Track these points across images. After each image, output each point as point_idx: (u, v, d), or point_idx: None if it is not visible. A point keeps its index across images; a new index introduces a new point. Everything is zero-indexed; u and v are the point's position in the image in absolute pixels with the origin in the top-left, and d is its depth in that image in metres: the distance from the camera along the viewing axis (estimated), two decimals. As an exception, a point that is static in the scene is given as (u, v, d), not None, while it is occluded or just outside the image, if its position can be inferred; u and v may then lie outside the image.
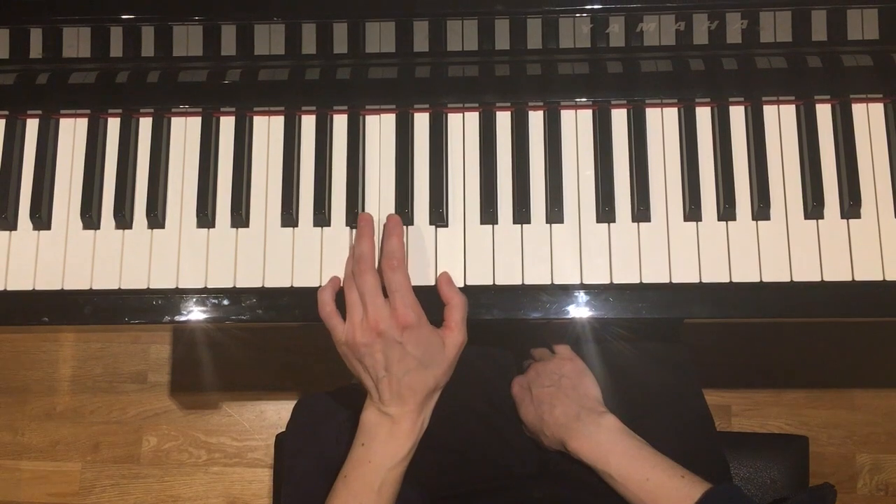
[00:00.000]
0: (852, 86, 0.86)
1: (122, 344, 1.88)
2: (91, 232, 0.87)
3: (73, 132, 0.89)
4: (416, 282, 0.84)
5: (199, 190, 0.87)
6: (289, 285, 0.85)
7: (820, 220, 0.84)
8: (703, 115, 0.87)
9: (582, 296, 0.84)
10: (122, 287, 0.85)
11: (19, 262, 0.86)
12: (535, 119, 0.87)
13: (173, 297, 0.85)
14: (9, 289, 0.86)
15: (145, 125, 0.89)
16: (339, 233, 0.86)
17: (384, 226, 0.83)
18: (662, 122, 0.87)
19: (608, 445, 0.89)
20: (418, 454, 0.98)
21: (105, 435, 1.85)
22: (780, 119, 0.86)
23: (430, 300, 0.83)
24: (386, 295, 0.80)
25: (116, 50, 0.87)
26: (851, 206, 0.83)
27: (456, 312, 0.82)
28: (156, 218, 0.86)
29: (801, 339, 1.79)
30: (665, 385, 1.00)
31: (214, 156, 0.88)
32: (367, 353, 0.80)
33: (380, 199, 0.86)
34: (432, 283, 0.84)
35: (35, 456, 1.85)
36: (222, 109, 0.89)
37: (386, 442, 0.81)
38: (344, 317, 0.82)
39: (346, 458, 0.83)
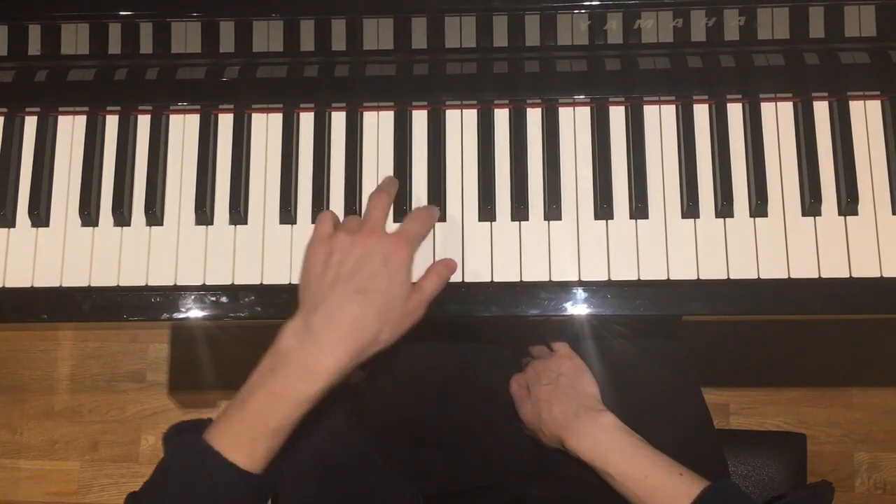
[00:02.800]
0: (850, 83, 0.86)
1: (121, 343, 1.88)
2: (89, 229, 0.87)
3: (71, 129, 0.89)
4: (414, 279, 0.84)
5: (198, 187, 0.87)
6: (287, 282, 0.85)
7: (817, 217, 0.84)
8: (701, 112, 0.87)
9: (580, 293, 0.84)
10: (121, 284, 0.85)
11: (18, 258, 0.86)
12: (534, 116, 0.87)
13: (172, 295, 0.85)
14: (7, 286, 0.86)
15: (144, 122, 0.89)
16: (337, 230, 0.86)
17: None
18: (660, 119, 0.87)
19: (607, 443, 0.89)
20: (415, 452, 0.99)
21: (103, 434, 1.85)
22: (778, 116, 0.86)
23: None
24: None
25: (115, 47, 0.87)
26: (849, 203, 0.83)
27: (431, 280, 0.79)
28: (154, 215, 0.86)
29: (799, 338, 1.80)
30: (663, 383, 1.00)
31: (213, 153, 0.88)
32: (341, 249, 0.74)
33: (378, 196, 0.86)
34: (430, 280, 0.84)
35: (33, 455, 1.85)
36: (221, 107, 0.89)
37: (296, 375, 0.71)
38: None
39: (247, 382, 0.73)
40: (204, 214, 0.86)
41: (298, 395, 0.71)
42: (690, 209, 0.84)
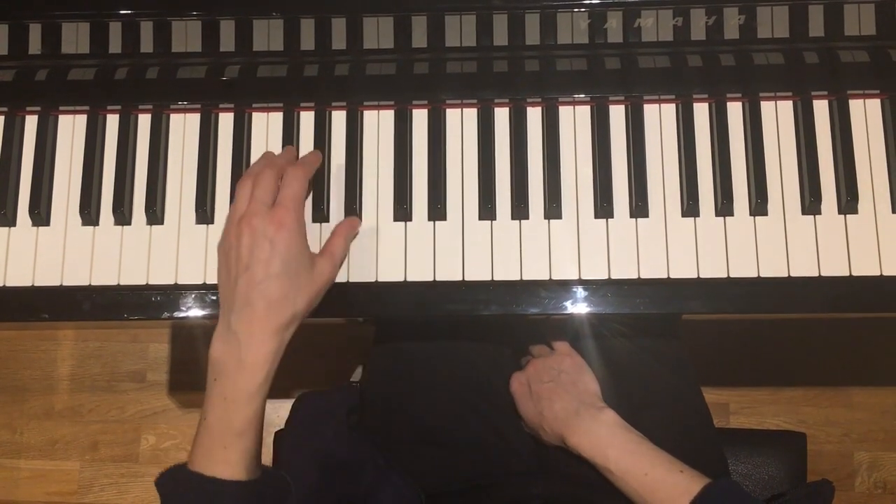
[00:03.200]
0: (849, 81, 0.86)
1: (121, 343, 1.88)
2: (90, 228, 0.87)
3: (72, 128, 0.89)
4: (412, 277, 0.84)
5: (198, 186, 0.87)
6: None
7: (817, 216, 0.84)
8: (701, 111, 0.87)
9: (580, 291, 0.84)
10: (122, 283, 0.85)
11: (18, 258, 0.86)
12: (534, 115, 0.87)
13: (172, 294, 0.85)
14: (8, 285, 0.86)
15: (144, 121, 0.89)
16: (337, 228, 0.86)
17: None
18: (660, 118, 0.87)
19: (607, 440, 0.89)
20: (416, 451, 0.99)
21: (103, 434, 1.85)
22: (778, 115, 0.87)
23: (429, 296, 0.83)
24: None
25: (115, 46, 0.87)
26: (849, 201, 0.83)
27: (337, 242, 0.80)
28: (155, 214, 0.86)
29: (799, 337, 1.80)
30: (663, 381, 1.00)
31: (213, 152, 0.88)
32: (235, 245, 0.75)
33: (378, 195, 0.86)
34: (430, 278, 0.84)
35: (33, 455, 1.85)
36: (221, 106, 0.89)
37: (235, 374, 0.73)
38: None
39: (204, 400, 0.76)
40: (204, 213, 0.86)
41: (247, 390, 0.73)
42: (690, 208, 0.84)
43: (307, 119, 0.88)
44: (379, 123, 0.88)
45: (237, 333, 0.73)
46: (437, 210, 0.85)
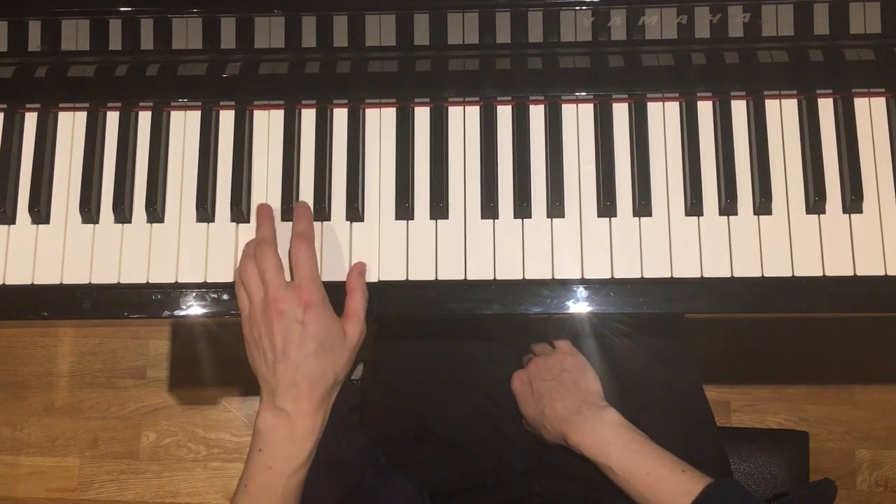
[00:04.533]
0: (854, 80, 0.85)
1: (121, 339, 1.88)
2: (90, 226, 0.87)
3: (71, 126, 0.89)
4: (414, 276, 0.84)
5: (199, 184, 0.86)
6: (289, 280, 0.84)
7: (822, 215, 0.84)
8: (705, 109, 0.86)
9: (583, 290, 0.83)
10: (122, 281, 0.85)
11: (18, 256, 0.86)
12: (536, 113, 0.87)
13: (173, 292, 0.85)
14: (7, 283, 0.85)
15: (144, 119, 0.89)
16: (338, 227, 0.85)
17: (295, 209, 0.83)
18: (664, 116, 0.87)
19: (609, 439, 0.89)
20: (417, 450, 0.98)
21: (104, 430, 1.85)
22: (782, 113, 0.86)
23: (431, 295, 0.83)
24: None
25: (115, 43, 0.86)
26: (853, 200, 0.83)
27: (356, 300, 0.81)
28: (155, 212, 0.86)
29: (801, 335, 1.80)
30: (665, 380, 1.00)
31: (214, 150, 0.88)
32: (266, 333, 0.77)
33: (380, 193, 0.86)
34: (432, 277, 0.84)
35: (33, 451, 1.85)
36: (222, 103, 0.88)
37: (284, 446, 0.77)
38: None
39: (245, 466, 0.79)
40: (205, 212, 0.86)
41: (297, 461, 0.77)
42: (694, 207, 0.83)
43: (308, 117, 0.88)
44: (381, 121, 0.88)
45: (285, 411, 0.77)
46: (440, 209, 0.85)
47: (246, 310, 0.80)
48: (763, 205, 0.83)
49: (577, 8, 0.84)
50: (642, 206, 0.84)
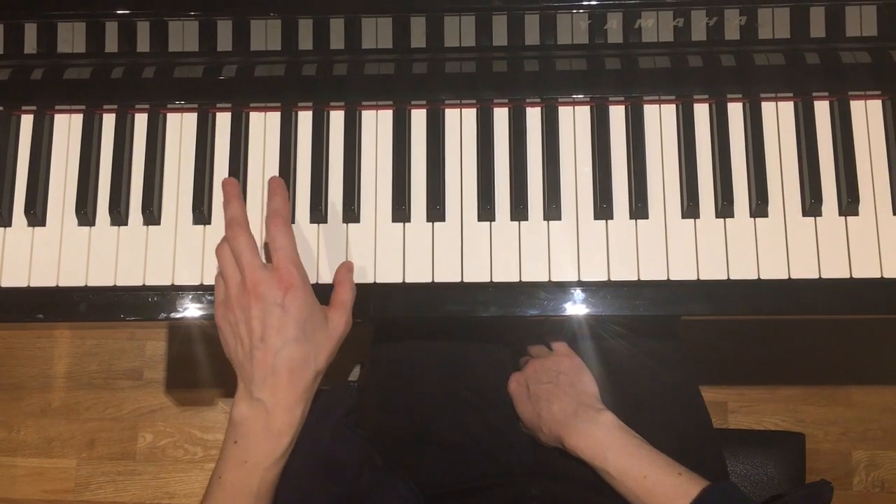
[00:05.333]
0: (850, 83, 0.86)
1: (118, 340, 1.88)
2: (86, 228, 0.86)
3: (67, 128, 0.89)
4: (411, 278, 0.84)
5: (195, 187, 0.86)
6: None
7: (818, 218, 0.84)
8: (702, 111, 0.86)
9: (579, 293, 0.83)
10: (118, 284, 0.85)
11: (14, 258, 0.86)
12: (533, 116, 0.87)
13: (169, 294, 0.85)
14: (3, 285, 0.85)
15: (141, 121, 0.88)
16: (334, 228, 0.85)
17: (268, 186, 0.80)
18: (660, 118, 0.87)
19: (606, 442, 0.89)
20: (414, 452, 0.98)
21: (100, 432, 1.84)
22: (779, 116, 0.86)
23: (428, 297, 0.83)
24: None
25: (112, 45, 0.86)
26: (849, 203, 0.83)
27: (344, 291, 0.79)
28: (151, 215, 0.86)
29: (797, 336, 1.80)
30: (662, 382, 1.00)
31: (210, 152, 0.88)
32: (243, 318, 0.73)
33: (376, 195, 0.86)
34: (429, 279, 0.84)
35: (30, 453, 1.85)
36: (218, 105, 0.88)
37: (261, 439, 0.73)
38: None
39: (219, 456, 0.75)
40: (201, 214, 0.86)
41: (273, 456, 0.74)
42: (691, 209, 0.84)
43: (305, 119, 0.88)
44: (377, 123, 0.87)
45: (262, 401, 0.73)
46: (436, 211, 0.85)
47: (221, 294, 0.76)
48: (759, 207, 0.83)
49: (574, 11, 0.84)
50: (639, 209, 0.84)
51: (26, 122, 0.89)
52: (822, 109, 0.86)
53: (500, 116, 0.87)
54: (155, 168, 0.87)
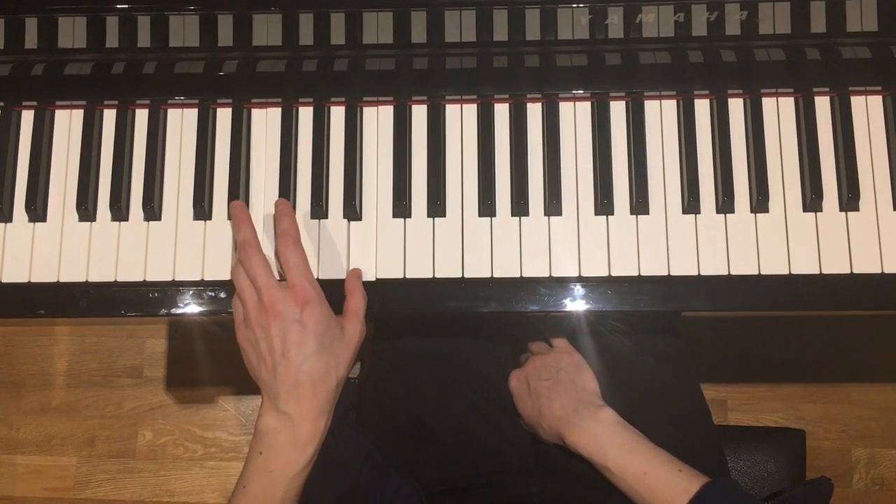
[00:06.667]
0: (851, 78, 0.85)
1: (118, 338, 1.88)
2: (87, 224, 0.86)
3: (68, 124, 0.89)
4: (411, 274, 0.84)
5: (196, 182, 0.86)
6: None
7: (818, 213, 0.84)
8: (702, 107, 0.86)
9: (580, 289, 0.83)
10: (119, 279, 0.85)
11: (14, 254, 0.86)
12: (534, 111, 0.87)
13: (170, 290, 0.85)
14: (4, 281, 0.85)
15: (141, 117, 0.88)
16: (336, 225, 0.85)
17: (274, 208, 0.82)
18: (661, 114, 0.87)
19: (606, 439, 0.89)
20: (415, 449, 0.98)
21: (100, 429, 1.84)
22: (779, 111, 0.86)
23: (428, 293, 0.83)
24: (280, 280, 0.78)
25: (112, 41, 0.86)
26: (850, 198, 0.83)
27: (356, 300, 0.81)
28: (152, 210, 0.86)
29: (797, 333, 1.80)
30: (662, 379, 1.00)
31: (211, 148, 0.87)
32: (263, 336, 0.76)
33: (377, 191, 0.86)
34: (429, 275, 0.84)
35: (30, 450, 1.85)
36: (219, 101, 0.88)
37: (286, 450, 0.76)
38: None
39: (244, 467, 0.78)
40: (202, 209, 0.86)
41: (299, 465, 0.76)
42: (691, 205, 0.84)
43: (306, 114, 0.88)
44: (378, 119, 0.87)
45: (288, 414, 0.76)
46: (437, 207, 0.85)
47: (240, 315, 0.79)
48: (760, 203, 0.83)
49: (575, 6, 0.84)
50: (639, 204, 0.84)
51: (27, 117, 0.89)
52: (822, 105, 0.86)
53: (501, 112, 0.87)
54: (156, 164, 0.87)
